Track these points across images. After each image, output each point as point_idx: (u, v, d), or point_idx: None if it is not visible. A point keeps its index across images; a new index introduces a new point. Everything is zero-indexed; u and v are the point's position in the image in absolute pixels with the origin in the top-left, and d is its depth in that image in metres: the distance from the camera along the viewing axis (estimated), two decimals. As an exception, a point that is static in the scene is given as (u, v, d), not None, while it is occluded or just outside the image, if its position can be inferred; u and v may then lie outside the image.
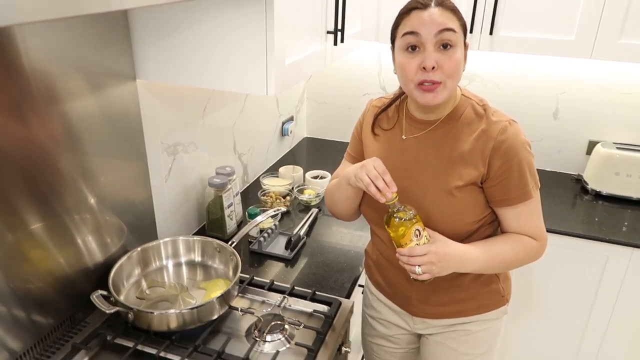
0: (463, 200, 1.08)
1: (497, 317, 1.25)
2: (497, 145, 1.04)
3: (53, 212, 1.10)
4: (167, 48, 1.23)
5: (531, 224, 1.12)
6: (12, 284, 1.04)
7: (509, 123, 1.06)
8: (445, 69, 1.00)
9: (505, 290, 1.24)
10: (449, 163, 1.09)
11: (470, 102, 1.11)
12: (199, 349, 1.14)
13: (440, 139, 1.10)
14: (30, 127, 1.02)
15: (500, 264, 1.13)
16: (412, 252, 1.04)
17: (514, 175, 1.05)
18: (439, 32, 0.98)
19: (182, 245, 1.38)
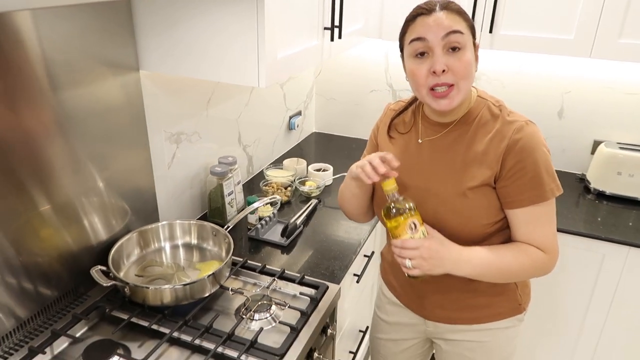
0: (477, 201, 1.07)
1: (513, 325, 1.23)
2: (511, 144, 1.02)
3: (61, 193, 1.19)
4: (168, 41, 1.31)
5: (541, 231, 1.06)
6: (21, 258, 1.14)
7: (525, 123, 1.05)
8: (455, 71, 0.99)
9: (522, 298, 1.22)
10: (463, 164, 1.08)
11: (486, 103, 1.09)
12: (188, 323, 1.22)
13: (455, 141, 1.10)
14: (40, 113, 1.11)
15: (500, 273, 1.08)
16: (404, 244, 1.03)
17: (528, 175, 1.02)
18: (446, 35, 0.98)
19: (179, 229, 1.46)
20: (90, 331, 1.22)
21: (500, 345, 1.24)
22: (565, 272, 1.87)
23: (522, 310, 1.23)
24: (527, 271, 1.08)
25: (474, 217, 1.07)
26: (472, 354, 1.25)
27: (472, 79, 1.03)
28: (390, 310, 1.37)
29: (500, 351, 1.25)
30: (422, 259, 1.02)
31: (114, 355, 1.11)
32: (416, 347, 1.39)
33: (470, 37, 1.02)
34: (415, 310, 1.30)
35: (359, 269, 1.74)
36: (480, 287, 1.16)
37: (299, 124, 2.41)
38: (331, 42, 1.57)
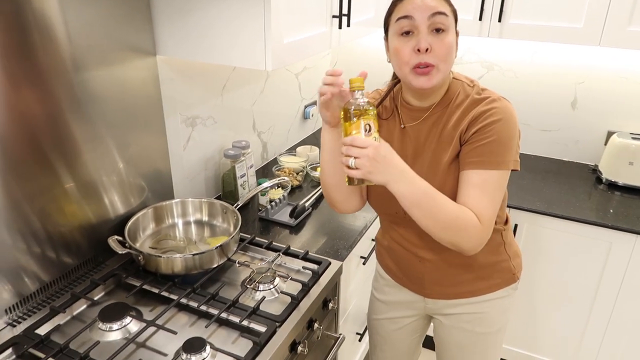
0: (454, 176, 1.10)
1: (508, 294, 1.28)
2: (477, 115, 1.07)
3: (83, 171, 1.29)
4: (183, 27, 1.39)
5: (479, 197, 1.05)
6: (46, 229, 1.24)
7: (497, 98, 1.08)
8: (437, 52, 1.02)
9: (515, 267, 1.28)
10: (443, 143, 1.12)
11: (461, 83, 1.13)
12: (196, 291, 1.30)
13: (435, 124, 1.13)
14: (64, 93, 1.20)
15: (430, 209, 1.03)
16: (354, 140, 0.98)
17: (483, 141, 1.05)
18: (432, 16, 1.01)
19: (191, 206, 1.55)
20: (106, 296, 1.32)
21: (497, 315, 1.29)
22: (574, 259, 1.88)
23: (516, 279, 1.28)
24: (456, 226, 1.04)
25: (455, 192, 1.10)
26: (470, 326, 1.30)
27: (452, 62, 1.07)
28: (388, 291, 1.41)
29: (497, 320, 1.30)
30: (367, 159, 0.96)
31: (127, 317, 1.20)
32: (414, 324, 1.43)
33: (453, 21, 1.06)
34: (415, 290, 1.33)
35: (365, 252, 1.79)
36: (476, 261, 1.21)
37: (314, 113, 2.48)
38: (339, 30, 1.62)
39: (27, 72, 1.11)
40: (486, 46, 2.23)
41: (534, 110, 2.26)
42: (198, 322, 1.22)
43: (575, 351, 2.03)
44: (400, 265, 1.33)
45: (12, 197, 1.14)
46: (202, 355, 1.09)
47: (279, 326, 1.19)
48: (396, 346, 1.48)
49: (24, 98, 1.12)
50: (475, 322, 1.29)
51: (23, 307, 1.22)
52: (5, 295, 1.17)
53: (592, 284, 1.89)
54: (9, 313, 1.19)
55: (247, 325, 1.19)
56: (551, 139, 2.28)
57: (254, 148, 2.04)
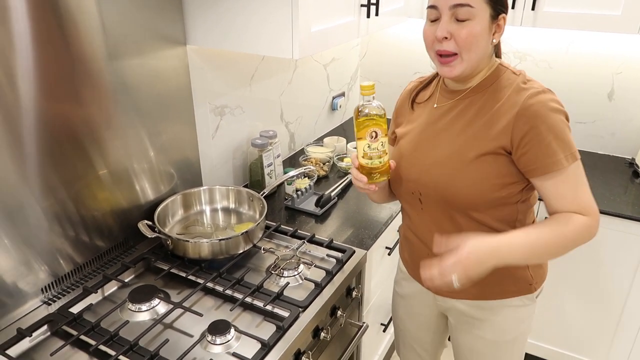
0: (483, 169, 1.06)
1: (523, 304, 1.20)
2: (521, 111, 1.00)
3: (116, 159, 1.33)
4: (213, 17, 1.41)
5: (574, 195, 1.03)
6: (80, 212, 1.29)
7: (542, 90, 1.02)
8: (458, 40, 1.01)
9: (534, 278, 1.19)
10: (472, 131, 1.08)
11: (506, 70, 1.09)
12: (222, 275, 1.33)
13: (467, 108, 1.10)
14: (99, 81, 1.24)
15: (548, 249, 1.04)
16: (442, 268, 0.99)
17: (542, 142, 1.00)
18: (454, 7, 1.00)
19: (218, 193, 1.58)
20: (136, 278, 1.36)
21: (510, 324, 1.22)
22: (607, 255, 1.83)
23: (533, 290, 1.20)
24: (574, 240, 1.03)
25: (481, 184, 1.07)
26: (481, 332, 1.24)
27: (480, 51, 1.03)
28: (404, 285, 1.39)
29: (511, 330, 1.23)
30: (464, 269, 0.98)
31: (155, 299, 1.24)
32: (432, 323, 1.39)
33: (487, 9, 1.01)
34: (426, 285, 1.24)
35: (391, 243, 1.79)
36: None
37: (342, 104, 2.48)
38: (367, 19, 1.62)
39: (64, 60, 1.15)
40: (519, 35, 2.18)
41: (568, 102, 2.19)
42: (223, 306, 1.25)
43: (607, 349, 1.97)
44: (413, 257, 1.30)
45: (49, 182, 1.19)
46: (227, 337, 1.11)
47: (302, 311, 1.20)
48: (418, 343, 1.45)
49: (61, 86, 1.16)
50: (485, 328, 1.24)
51: (58, 287, 1.27)
52: (42, 275, 1.23)
53: (626, 279, 1.83)
54: (44, 292, 1.24)
55: (271, 310, 1.21)
56: (586, 132, 2.22)
57: (281, 138, 2.06)
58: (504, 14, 1.05)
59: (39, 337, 1.15)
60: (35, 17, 1.07)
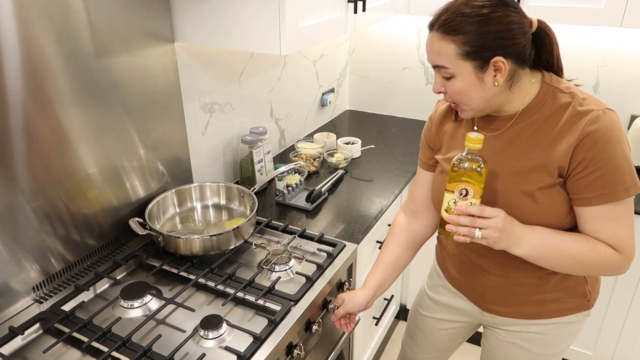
0: (547, 202, 1.00)
1: (578, 320, 1.17)
2: (583, 137, 0.93)
3: (106, 156, 1.34)
4: (201, 13, 1.42)
5: (612, 229, 0.97)
6: (70, 211, 1.29)
7: (602, 112, 0.94)
8: (449, 95, 1.01)
9: (592, 294, 1.15)
10: (531, 163, 1.00)
11: (552, 90, 1.00)
12: (214, 271, 1.33)
13: (518, 135, 1.02)
14: (87, 78, 1.24)
15: (558, 260, 1.01)
16: (483, 211, 0.96)
17: (600, 171, 0.93)
18: (434, 67, 0.99)
19: (209, 190, 1.59)
20: (128, 275, 1.37)
21: (560, 339, 1.19)
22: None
23: (590, 306, 1.16)
24: (593, 265, 1.00)
25: (544, 216, 1.01)
26: (528, 345, 1.20)
27: (476, 100, 0.98)
28: (443, 293, 1.34)
29: (559, 344, 1.20)
30: (495, 230, 0.95)
31: (147, 295, 1.25)
32: (460, 330, 1.37)
33: (466, 65, 0.94)
34: (474, 301, 1.26)
35: (381, 236, 1.81)
36: (549, 283, 1.11)
37: (331, 100, 2.49)
38: (355, 14, 1.63)
39: (51, 58, 1.15)
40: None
41: (554, 95, 2.22)
42: (215, 301, 1.26)
43: (595, 337, 2.00)
44: (461, 273, 1.25)
45: (39, 181, 1.19)
46: (219, 332, 1.12)
47: (294, 305, 1.21)
48: (433, 345, 1.44)
49: (48, 84, 1.16)
50: (534, 342, 1.19)
51: (49, 285, 1.27)
52: (33, 274, 1.23)
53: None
54: (36, 290, 1.24)
55: (263, 304, 1.22)
56: (572, 124, 2.24)
57: (271, 135, 2.07)
58: (500, 56, 0.93)
59: (31, 335, 1.15)
60: (21, 15, 1.07)
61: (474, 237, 0.96)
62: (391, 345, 2.32)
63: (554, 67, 1.05)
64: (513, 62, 0.96)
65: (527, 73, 1.01)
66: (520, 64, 0.98)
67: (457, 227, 0.97)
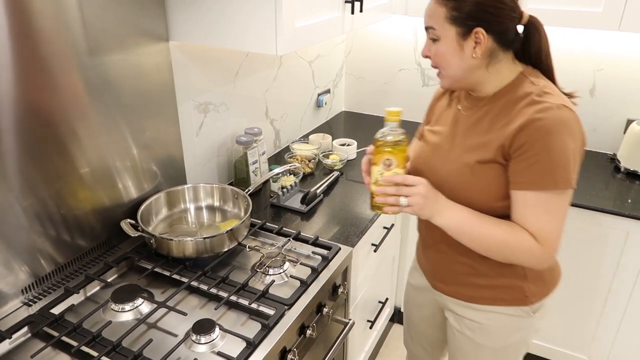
0: (484, 177, 1.06)
1: (517, 314, 1.18)
2: (527, 123, 0.97)
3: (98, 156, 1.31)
4: (196, 12, 1.39)
5: (537, 219, 1.00)
6: (61, 211, 1.26)
7: (556, 106, 0.97)
8: (432, 58, 1.09)
9: (531, 291, 1.16)
10: (483, 139, 1.06)
11: (525, 80, 1.05)
12: (207, 274, 1.31)
13: (483, 116, 1.09)
14: (78, 76, 1.22)
15: (477, 237, 1.05)
16: (405, 179, 1.03)
17: (533, 158, 0.97)
18: (426, 29, 1.07)
19: (202, 191, 1.56)
20: (119, 278, 1.34)
21: (502, 332, 1.21)
22: (589, 249, 1.85)
23: (529, 303, 1.17)
24: (512, 250, 1.03)
25: (480, 192, 1.07)
26: (472, 334, 1.24)
27: (454, 67, 1.05)
28: (415, 275, 1.43)
29: (503, 337, 1.22)
30: (420, 197, 1.03)
31: (139, 298, 1.22)
32: (436, 318, 1.41)
33: (451, 29, 1.01)
34: (426, 277, 1.34)
35: (377, 239, 1.79)
36: (482, 268, 1.15)
37: (327, 101, 2.47)
38: (352, 15, 1.61)
39: (43, 55, 1.13)
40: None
41: (551, 98, 2.22)
42: (208, 305, 1.23)
43: (589, 342, 2.00)
44: (422, 249, 1.34)
45: (29, 180, 1.16)
46: (212, 336, 1.10)
47: (288, 309, 1.19)
48: (422, 333, 1.49)
49: (40, 82, 1.14)
50: (477, 331, 1.23)
51: (38, 287, 1.24)
52: (22, 275, 1.20)
53: (608, 273, 1.86)
54: (25, 293, 1.22)
55: (256, 308, 1.20)
56: (568, 128, 2.24)
57: (266, 136, 2.05)
58: (481, 28, 0.99)
59: (19, 338, 1.12)
60: (12, 11, 1.05)
61: (401, 206, 1.04)
62: (385, 349, 2.30)
63: (542, 65, 1.09)
64: (494, 40, 1.02)
65: (509, 60, 1.06)
66: (501, 45, 1.03)
67: (385, 197, 1.05)
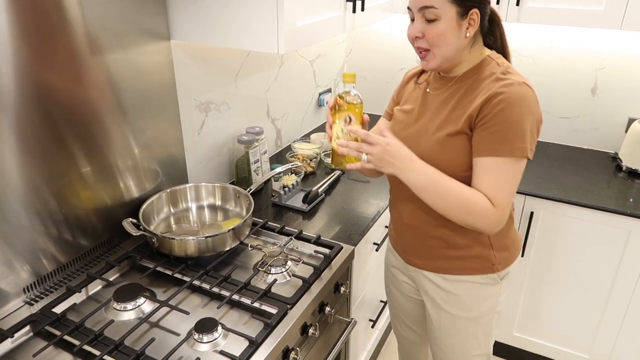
0: (452, 149, 1.13)
1: (485, 282, 1.25)
2: (492, 95, 1.06)
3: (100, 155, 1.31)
4: (197, 11, 1.39)
5: (493, 184, 1.09)
6: (63, 210, 1.26)
7: (518, 83, 1.06)
8: (427, 38, 1.10)
9: (497, 259, 1.24)
10: (452, 115, 1.14)
11: (491, 62, 1.14)
12: (209, 273, 1.31)
13: (452, 95, 1.17)
14: (81, 77, 1.22)
15: (439, 194, 1.11)
16: (367, 137, 1.08)
17: (494, 127, 1.06)
18: (421, 9, 1.09)
19: (204, 190, 1.56)
20: (121, 277, 1.34)
21: (473, 301, 1.28)
22: (591, 248, 1.85)
23: (496, 270, 1.25)
24: (470, 209, 1.10)
25: (449, 163, 1.13)
26: (447, 306, 1.31)
27: (450, 46, 1.10)
28: (389, 256, 1.48)
29: (474, 307, 1.29)
30: (377, 156, 1.09)
31: (141, 297, 1.22)
32: (415, 293, 1.44)
33: (452, 8, 1.06)
34: (400, 254, 1.38)
35: (378, 238, 1.79)
36: (453, 239, 1.23)
37: (328, 100, 2.46)
38: (353, 14, 1.61)
39: (43, 55, 1.13)
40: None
41: (552, 97, 2.21)
42: (210, 304, 1.23)
43: (591, 341, 2.00)
44: (394, 226, 1.38)
45: (31, 180, 1.16)
46: (214, 336, 1.10)
47: (290, 308, 1.19)
48: (408, 315, 1.52)
49: (40, 82, 1.13)
50: (451, 302, 1.30)
51: (40, 286, 1.24)
52: (24, 275, 1.20)
53: (610, 273, 1.85)
54: (26, 292, 1.21)
55: (259, 307, 1.20)
56: (570, 126, 2.24)
57: (268, 135, 2.05)
58: (476, 9, 1.08)
59: (21, 337, 1.12)
60: (12, 10, 1.05)
61: (362, 161, 1.10)
62: (387, 348, 2.30)
63: (504, 50, 1.19)
64: (480, 22, 1.10)
65: (481, 43, 1.16)
66: (482, 27, 1.12)
67: (349, 150, 1.10)
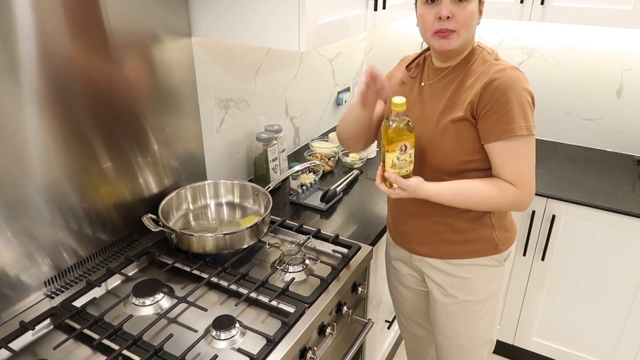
0: (454, 136, 1.16)
1: (491, 264, 1.29)
2: (489, 82, 1.12)
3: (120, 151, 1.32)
4: (218, 8, 1.39)
5: (512, 165, 1.14)
6: (83, 205, 1.27)
7: (509, 68, 1.14)
8: (459, 18, 1.11)
9: (500, 239, 1.28)
10: (449, 104, 1.18)
11: (482, 50, 1.20)
12: (227, 270, 1.31)
13: (449, 83, 1.20)
14: (103, 74, 1.23)
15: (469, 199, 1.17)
16: (397, 180, 1.14)
17: (499, 111, 1.10)
18: None
19: (223, 187, 1.56)
20: (140, 272, 1.35)
21: (480, 284, 1.31)
22: (614, 253, 1.81)
23: (499, 251, 1.28)
24: (498, 201, 1.16)
25: (451, 152, 1.17)
26: (453, 290, 1.32)
27: (473, 29, 1.15)
28: (389, 250, 1.49)
29: (480, 290, 1.31)
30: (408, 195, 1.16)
31: (159, 293, 1.23)
32: (420, 285, 1.44)
33: None
34: (402, 244, 1.39)
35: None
36: (457, 224, 1.26)
37: (347, 99, 2.45)
38: (375, 12, 1.60)
39: (66, 50, 1.14)
40: (527, 31, 2.15)
41: (576, 98, 2.17)
42: (228, 301, 1.23)
43: (612, 349, 1.95)
44: (394, 220, 1.39)
45: (53, 175, 1.18)
46: (232, 333, 1.10)
47: (308, 307, 1.19)
48: (414, 309, 1.53)
49: (63, 78, 1.14)
50: (457, 287, 1.32)
51: (61, 280, 1.25)
52: (45, 268, 1.21)
53: (634, 279, 1.81)
54: (47, 285, 1.23)
55: (276, 305, 1.20)
56: (594, 128, 2.19)
57: (286, 133, 2.04)
58: None
59: (41, 330, 1.14)
60: (37, 7, 1.06)
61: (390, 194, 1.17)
62: (402, 349, 2.28)
63: None
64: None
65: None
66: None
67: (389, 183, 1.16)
